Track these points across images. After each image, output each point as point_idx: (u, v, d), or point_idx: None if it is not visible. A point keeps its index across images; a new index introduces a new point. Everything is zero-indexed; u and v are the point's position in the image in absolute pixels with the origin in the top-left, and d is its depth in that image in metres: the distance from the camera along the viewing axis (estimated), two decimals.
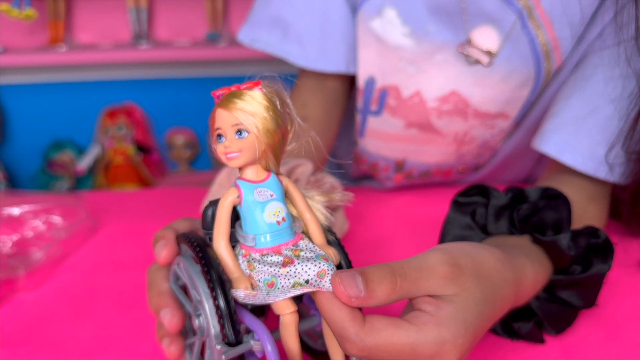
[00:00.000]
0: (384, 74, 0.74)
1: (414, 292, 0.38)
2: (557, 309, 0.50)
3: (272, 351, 0.36)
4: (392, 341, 0.36)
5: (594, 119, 0.63)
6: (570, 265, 0.51)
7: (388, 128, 0.78)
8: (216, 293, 0.37)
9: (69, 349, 0.52)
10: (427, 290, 0.39)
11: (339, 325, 0.36)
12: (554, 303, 0.50)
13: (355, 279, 0.36)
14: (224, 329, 0.37)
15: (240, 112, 0.38)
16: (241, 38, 0.78)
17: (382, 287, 0.37)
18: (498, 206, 0.54)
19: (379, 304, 0.37)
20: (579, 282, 0.50)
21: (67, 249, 0.71)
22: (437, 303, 0.38)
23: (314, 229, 0.41)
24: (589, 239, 0.51)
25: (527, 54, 0.68)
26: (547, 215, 0.53)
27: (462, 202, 0.56)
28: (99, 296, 0.61)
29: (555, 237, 0.50)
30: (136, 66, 1.91)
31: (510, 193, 0.55)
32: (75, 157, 2.01)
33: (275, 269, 0.37)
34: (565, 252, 0.49)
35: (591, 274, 0.49)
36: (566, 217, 0.52)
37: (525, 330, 0.49)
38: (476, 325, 0.39)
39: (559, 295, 0.50)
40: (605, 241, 0.51)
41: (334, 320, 0.36)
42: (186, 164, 2.14)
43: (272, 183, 0.40)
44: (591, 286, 0.50)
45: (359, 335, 0.35)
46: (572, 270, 0.51)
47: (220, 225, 0.39)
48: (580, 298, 0.50)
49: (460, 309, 0.38)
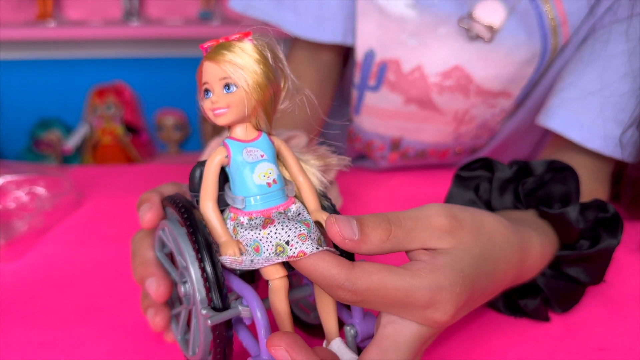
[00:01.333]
0: (384, 46, 0.71)
1: (408, 242, 0.37)
2: (563, 285, 0.48)
3: (262, 317, 0.34)
4: (385, 284, 0.34)
5: (603, 95, 0.61)
6: (578, 240, 0.49)
7: (386, 104, 0.75)
8: (202, 256, 0.35)
9: (48, 320, 0.50)
10: (422, 241, 0.37)
11: (327, 273, 0.33)
12: (561, 279, 0.48)
13: (350, 222, 0.35)
14: (210, 293, 0.35)
15: (228, 64, 0.35)
16: (233, 4, 0.75)
17: (376, 233, 0.35)
18: (503, 179, 0.52)
19: (371, 250, 0.35)
20: (587, 257, 0.48)
21: (50, 220, 0.69)
22: (432, 253, 0.37)
23: (307, 193, 0.39)
24: (597, 213, 0.49)
25: (534, 29, 0.66)
26: (554, 188, 0.51)
27: (465, 176, 0.54)
28: (82, 268, 0.59)
29: (563, 209, 0.48)
30: (126, 44, 1.88)
31: (516, 166, 0.53)
32: (63, 136, 1.98)
33: (256, 233, 0.35)
34: (573, 226, 0.48)
35: (600, 249, 0.48)
36: (574, 190, 0.51)
37: (531, 307, 0.47)
38: (474, 278, 0.37)
39: (565, 271, 0.49)
40: (614, 215, 0.49)
41: (320, 271, 0.34)
42: (175, 145, 2.11)
43: (263, 143, 0.38)
44: (599, 262, 0.49)
45: (350, 278, 0.33)
46: (579, 245, 0.49)
47: (207, 186, 0.37)
48: (588, 274, 0.49)
49: (457, 260, 0.37)
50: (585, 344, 0.46)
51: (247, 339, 0.37)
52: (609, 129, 0.60)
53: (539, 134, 0.81)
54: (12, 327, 0.49)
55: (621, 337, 0.46)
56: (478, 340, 0.46)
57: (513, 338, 0.46)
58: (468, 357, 0.44)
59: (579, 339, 0.46)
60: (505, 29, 0.66)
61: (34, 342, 0.47)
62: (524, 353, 0.45)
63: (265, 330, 0.34)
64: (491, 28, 0.66)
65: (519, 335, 0.47)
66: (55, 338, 0.47)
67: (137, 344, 0.46)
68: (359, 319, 0.37)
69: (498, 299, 0.49)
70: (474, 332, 0.47)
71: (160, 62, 1.96)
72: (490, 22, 0.66)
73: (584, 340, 0.46)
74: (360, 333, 0.37)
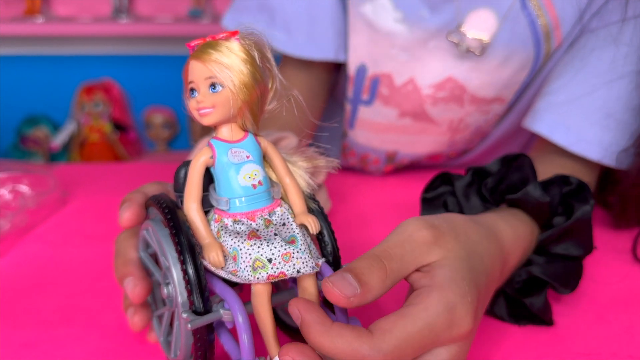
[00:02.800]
0: (376, 61, 0.71)
1: (404, 269, 0.36)
2: (560, 266, 0.49)
3: (243, 322, 0.33)
4: (407, 334, 0.33)
5: (590, 99, 0.61)
6: (552, 218, 0.50)
7: (380, 118, 0.75)
8: (184, 258, 0.34)
9: (30, 321, 0.49)
10: (415, 262, 0.37)
11: (349, 349, 0.32)
12: (555, 261, 0.49)
13: (346, 278, 0.34)
14: (191, 296, 0.34)
15: (214, 64, 0.35)
16: (225, 24, 0.75)
17: (374, 277, 0.35)
18: (463, 186, 0.53)
19: (376, 295, 0.35)
20: (568, 230, 0.48)
21: (34, 219, 0.68)
22: (429, 273, 0.37)
23: (294, 196, 0.38)
24: (561, 187, 0.50)
25: (527, 36, 0.66)
26: (513, 177, 0.52)
27: (430, 197, 0.55)
28: (65, 267, 0.58)
29: (524, 190, 0.49)
30: (115, 41, 1.86)
31: (471, 170, 0.54)
32: (50, 134, 1.97)
33: (239, 241, 0.35)
34: (540, 202, 0.48)
35: (577, 219, 0.48)
36: (530, 172, 0.51)
37: (537, 306, 0.47)
38: (474, 280, 0.37)
39: (555, 251, 0.49)
40: (579, 184, 0.50)
41: (342, 349, 0.32)
42: (164, 144, 2.10)
43: (249, 144, 0.37)
44: (582, 231, 0.49)
45: (375, 346, 0.32)
46: (556, 222, 0.49)
47: (191, 186, 0.36)
48: (577, 246, 0.49)
49: (454, 270, 0.37)
50: (570, 349, 0.45)
51: (228, 342, 0.36)
52: (595, 133, 0.60)
53: (528, 135, 0.81)
54: None
55: (606, 343, 0.46)
56: None
57: (498, 344, 0.46)
58: None
59: (565, 345, 0.46)
60: (497, 39, 0.66)
61: (15, 343, 0.46)
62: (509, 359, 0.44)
63: (247, 334, 0.34)
64: (481, 42, 0.65)
65: (504, 341, 0.47)
66: (38, 339, 0.46)
67: (120, 345, 0.46)
68: (343, 322, 0.37)
69: (501, 306, 0.48)
70: None
71: (150, 60, 1.95)
72: (481, 36, 0.65)
73: (570, 346, 0.46)
74: None
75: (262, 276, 0.34)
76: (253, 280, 0.34)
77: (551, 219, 0.50)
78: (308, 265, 0.35)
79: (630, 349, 0.45)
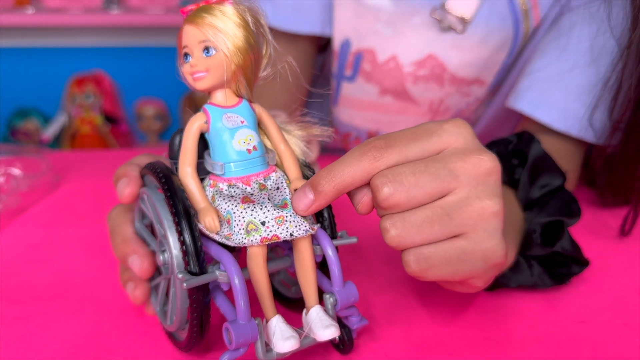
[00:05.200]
0: (360, 36, 0.71)
1: None
2: (555, 202, 0.49)
3: (239, 283, 0.33)
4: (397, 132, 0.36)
5: (571, 76, 0.62)
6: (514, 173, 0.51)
7: (362, 95, 0.75)
8: (179, 221, 0.34)
9: (23, 296, 0.48)
10: None
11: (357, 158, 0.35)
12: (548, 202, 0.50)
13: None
14: (187, 257, 0.34)
15: (208, 27, 0.35)
16: None
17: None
18: None
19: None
20: (534, 170, 0.50)
21: (26, 201, 0.67)
22: None
23: (288, 162, 0.39)
24: (499, 148, 0.52)
25: (506, 14, 0.66)
26: None
27: None
28: (58, 245, 0.57)
29: None
30: (106, 32, 1.85)
31: None
32: (41, 126, 1.95)
33: (233, 205, 0.35)
34: None
35: (534, 157, 0.50)
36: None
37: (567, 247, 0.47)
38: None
39: (540, 194, 0.50)
40: (520, 136, 0.52)
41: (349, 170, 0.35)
42: (156, 136, 2.09)
43: (244, 109, 0.37)
44: (546, 164, 0.51)
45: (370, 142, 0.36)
46: (518, 173, 0.51)
47: (186, 151, 0.36)
48: (553, 178, 0.50)
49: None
50: (566, 317, 0.46)
51: (224, 305, 0.36)
52: (576, 109, 0.61)
53: (516, 121, 0.81)
54: None
55: (600, 311, 0.47)
56: (457, 315, 0.46)
57: (494, 312, 0.46)
58: (447, 329, 0.44)
59: (560, 313, 0.46)
60: (477, 17, 0.66)
61: (9, 316, 0.46)
62: (505, 326, 0.45)
63: (242, 295, 0.33)
64: (463, 19, 0.66)
65: (500, 309, 0.47)
66: (30, 313, 0.46)
67: (113, 319, 0.45)
68: (338, 287, 0.37)
69: (542, 275, 0.48)
70: (455, 307, 0.47)
71: (141, 51, 1.94)
72: (462, 14, 0.66)
73: (565, 314, 0.46)
74: (339, 301, 0.37)
75: (256, 239, 0.34)
76: (247, 243, 0.34)
77: (512, 174, 0.51)
78: (301, 228, 0.35)
79: (624, 317, 0.46)
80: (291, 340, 0.34)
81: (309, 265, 0.36)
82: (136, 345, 0.42)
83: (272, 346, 0.34)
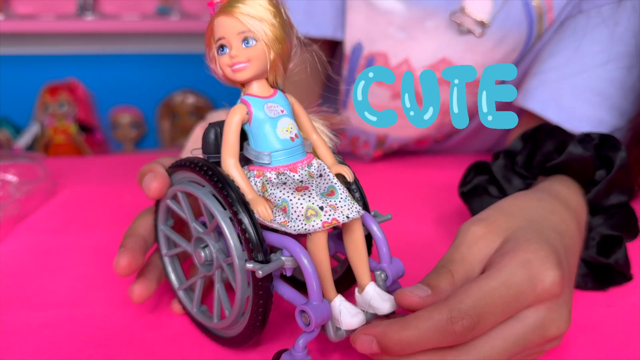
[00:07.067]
0: (372, 40, 0.70)
1: (470, 268, 0.38)
2: (619, 217, 0.50)
3: (309, 263, 0.33)
4: (484, 292, 0.34)
5: (582, 78, 0.63)
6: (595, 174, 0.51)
7: (373, 99, 0.75)
8: (237, 210, 0.34)
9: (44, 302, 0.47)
10: (477, 257, 0.38)
11: (431, 320, 0.33)
12: (614, 215, 0.50)
13: (419, 286, 0.36)
14: (250, 246, 0.34)
15: (247, 17, 0.35)
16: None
17: (442, 281, 0.36)
18: (501, 169, 0.55)
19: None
20: (615, 180, 0.49)
21: (25, 208, 0.66)
22: (495, 254, 0.38)
23: (323, 150, 0.39)
24: (590, 142, 0.51)
25: (521, 18, 0.66)
26: (546, 147, 0.52)
27: (467, 191, 0.57)
28: (68, 252, 0.56)
29: (566, 151, 0.50)
30: (80, 39, 1.82)
31: (501, 154, 0.55)
32: (12, 137, 1.91)
33: (288, 192, 0.34)
34: (584, 157, 0.49)
35: (619, 166, 0.49)
36: (564, 134, 0.52)
37: (621, 262, 0.47)
38: (546, 238, 0.38)
39: (609, 204, 0.50)
40: (601, 137, 0.51)
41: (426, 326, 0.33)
42: (131, 144, 2.06)
43: (281, 99, 0.38)
44: (624, 176, 0.50)
45: (452, 308, 0.33)
46: (599, 176, 0.50)
47: (228, 143, 0.36)
48: (622, 192, 0.50)
49: (517, 237, 0.38)
50: (593, 301, 0.46)
51: (288, 291, 0.36)
52: (585, 111, 0.62)
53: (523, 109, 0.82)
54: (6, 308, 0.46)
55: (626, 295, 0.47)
56: None
57: None
58: None
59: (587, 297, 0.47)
60: (494, 20, 0.66)
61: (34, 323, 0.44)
62: None
63: (315, 276, 0.33)
64: (482, 23, 0.66)
65: None
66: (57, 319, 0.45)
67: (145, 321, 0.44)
68: (387, 263, 0.38)
69: (586, 277, 0.48)
70: None
71: (115, 59, 1.91)
72: (482, 18, 0.66)
73: (592, 298, 0.47)
74: (390, 276, 0.37)
75: (317, 224, 0.33)
76: (309, 229, 0.34)
77: (593, 174, 0.51)
78: (353, 210, 0.35)
79: None
80: (359, 316, 0.35)
81: (362, 244, 0.37)
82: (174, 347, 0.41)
83: (339, 324, 0.35)
